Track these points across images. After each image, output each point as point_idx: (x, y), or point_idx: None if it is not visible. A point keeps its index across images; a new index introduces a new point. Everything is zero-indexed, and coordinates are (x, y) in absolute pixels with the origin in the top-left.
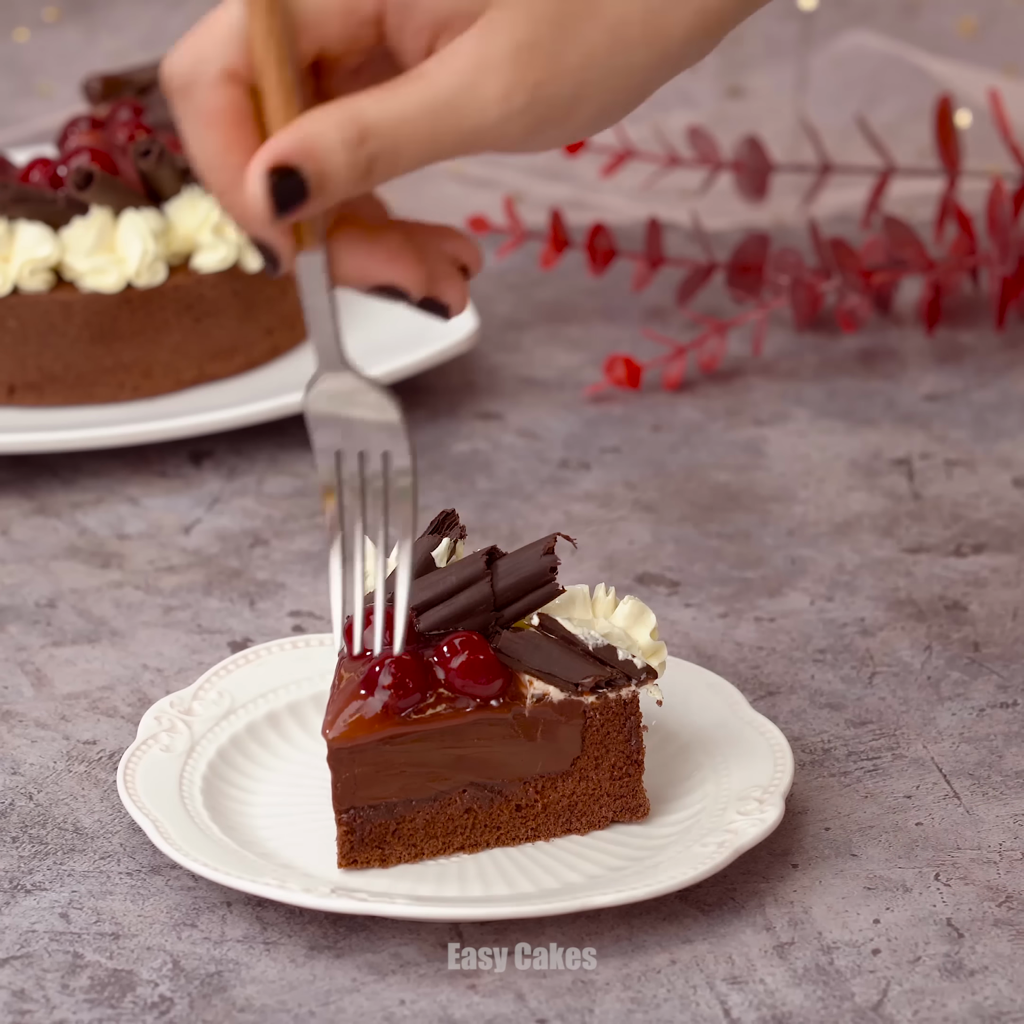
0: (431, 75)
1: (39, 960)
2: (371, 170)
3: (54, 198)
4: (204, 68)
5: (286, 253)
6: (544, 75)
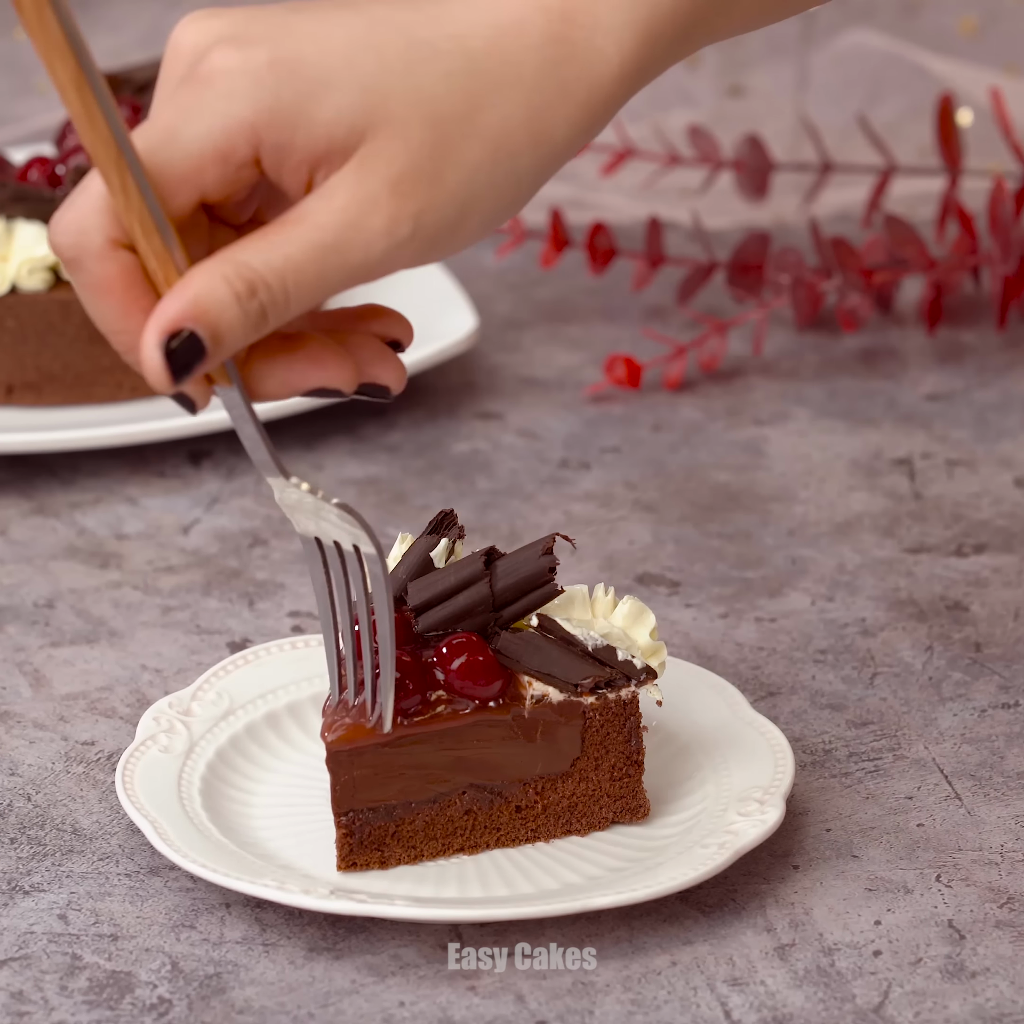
0: (312, 216)
1: (37, 961)
2: (264, 319)
3: (52, 197)
4: (87, 239)
5: (199, 397)
6: (426, 202)
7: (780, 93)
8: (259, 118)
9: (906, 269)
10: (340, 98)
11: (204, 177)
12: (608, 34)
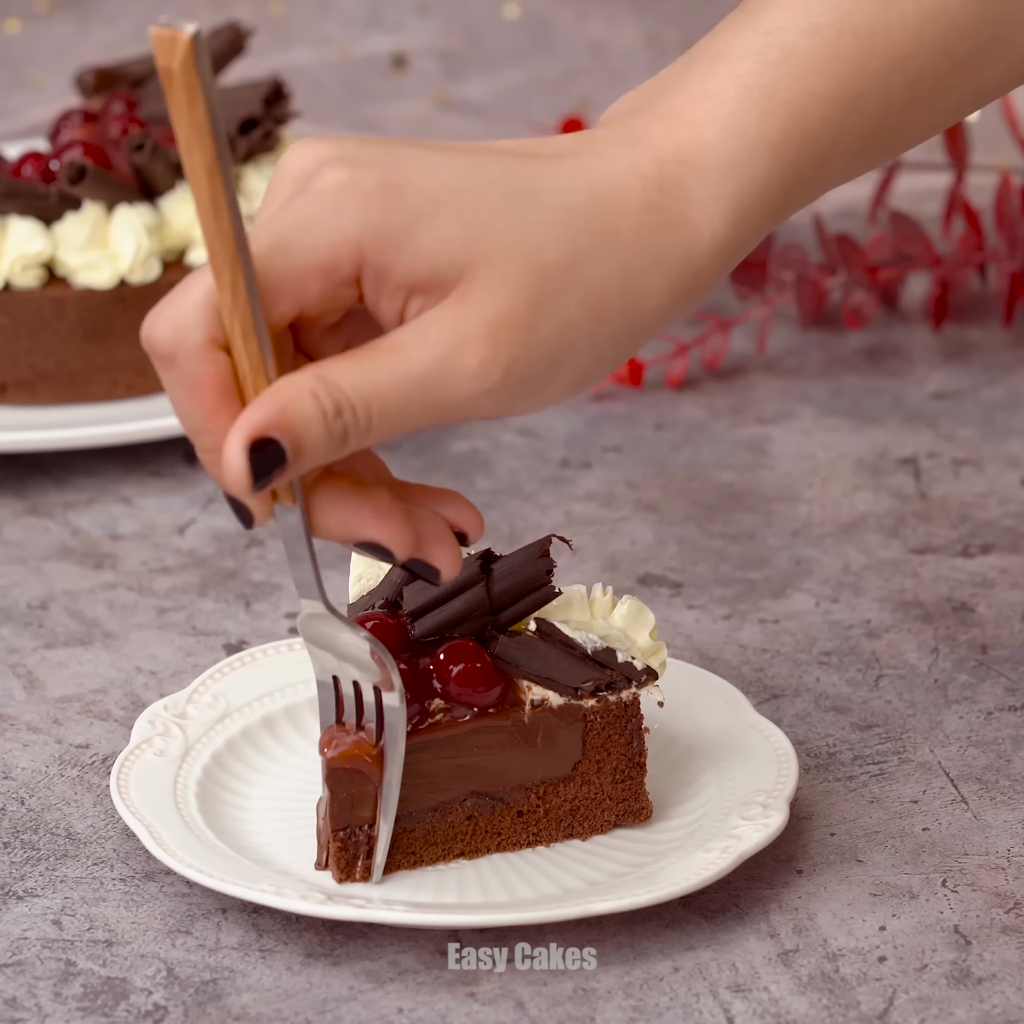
0: (405, 348)
1: (31, 968)
2: (345, 440)
3: (46, 193)
4: (186, 337)
5: (260, 514)
6: (519, 351)
7: None
8: (365, 237)
9: (911, 266)
10: (444, 229)
11: (307, 289)
12: (700, 207)
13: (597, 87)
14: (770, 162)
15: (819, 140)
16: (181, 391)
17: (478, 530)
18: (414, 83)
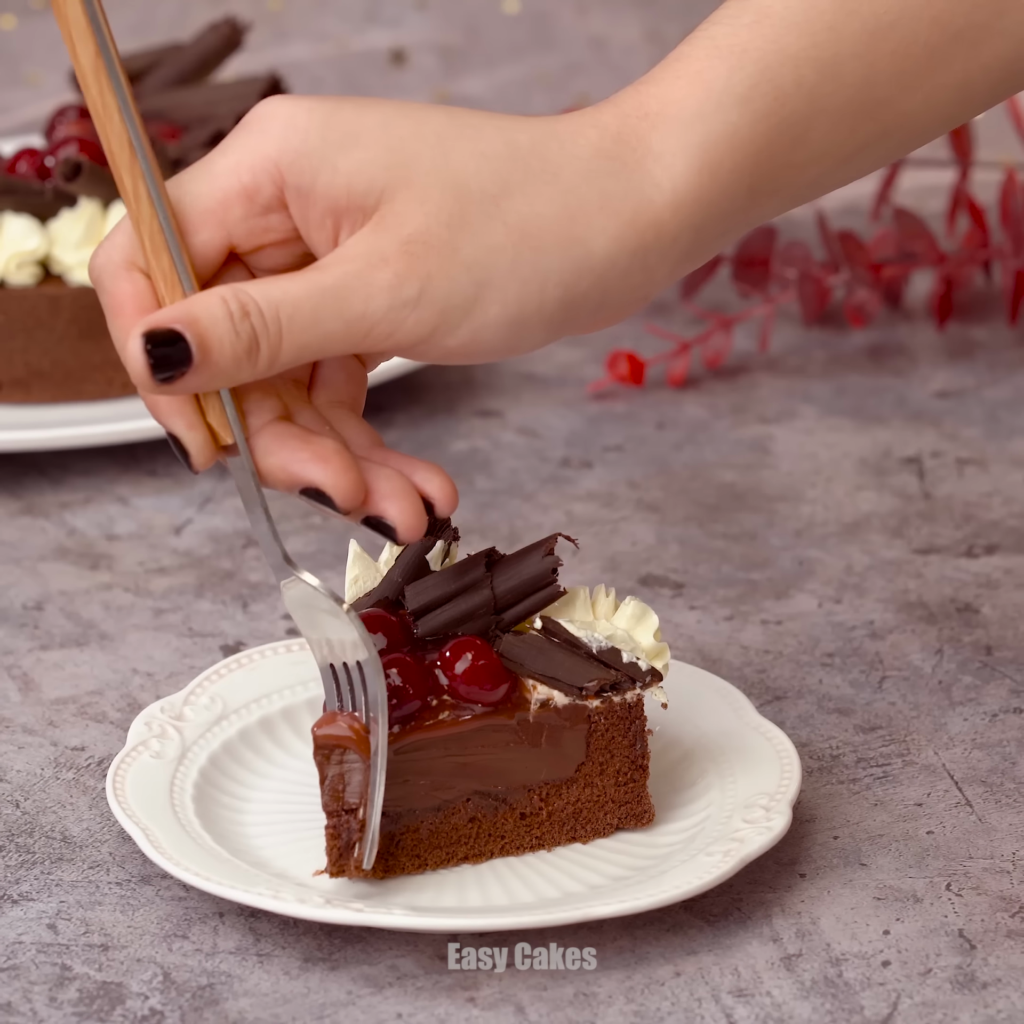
0: (322, 264)
1: (26, 972)
2: (255, 346)
3: (41, 189)
4: (108, 259)
5: (195, 448)
6: (436, 267)
7: None
8: (283, 157)
9: (915, 263)
10: (365, 153)
11: (229, 214)
12: (659, 159)
13: (597, 83)
14: (737, 115)
15: (794, 100)
16: (108, 314)
17: (448, 500)
18: (413, 78)
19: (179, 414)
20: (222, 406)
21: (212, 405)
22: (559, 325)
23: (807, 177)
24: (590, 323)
